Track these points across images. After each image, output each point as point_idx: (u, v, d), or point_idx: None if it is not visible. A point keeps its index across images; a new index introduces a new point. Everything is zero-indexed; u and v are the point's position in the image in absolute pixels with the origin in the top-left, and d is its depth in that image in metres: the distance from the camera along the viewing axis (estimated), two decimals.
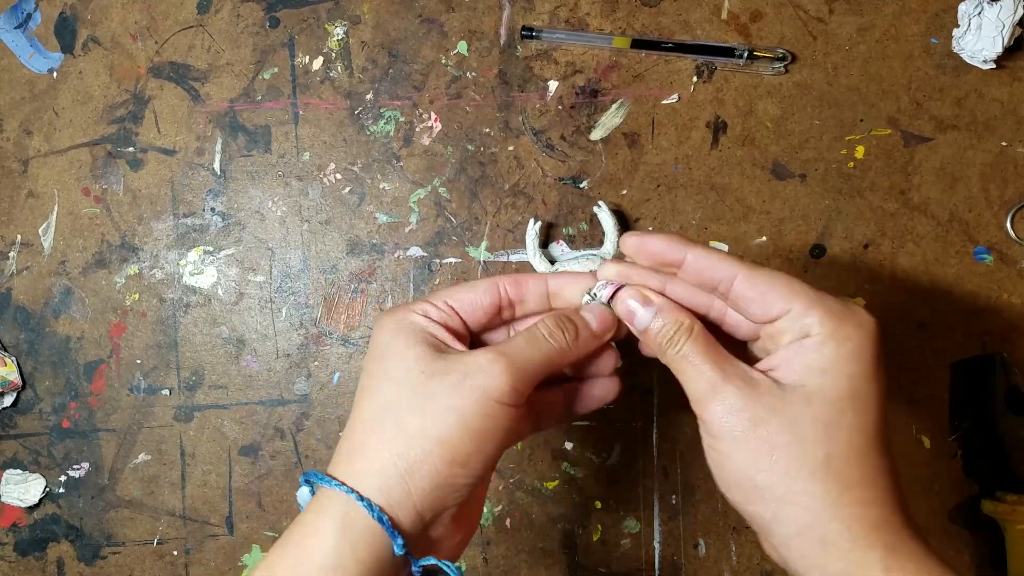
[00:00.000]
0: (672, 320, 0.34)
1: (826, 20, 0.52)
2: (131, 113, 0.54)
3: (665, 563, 0.52)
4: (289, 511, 0.53)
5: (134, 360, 0.54)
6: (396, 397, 0.33)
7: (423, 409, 0.32)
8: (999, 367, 0.50)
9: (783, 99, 0.52)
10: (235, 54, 0.53)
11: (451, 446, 0.32)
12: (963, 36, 0.50)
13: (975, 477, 0.51)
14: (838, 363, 0.31)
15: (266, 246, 0.54)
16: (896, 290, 0.52)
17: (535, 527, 0.53)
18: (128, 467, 0.54)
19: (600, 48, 0.52)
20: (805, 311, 0.32)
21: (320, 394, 0.53)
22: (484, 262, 0.53)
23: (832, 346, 0.31)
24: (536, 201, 0.53)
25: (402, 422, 0.32)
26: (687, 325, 0.34)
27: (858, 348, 0.31)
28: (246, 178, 0.54)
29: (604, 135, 0.52)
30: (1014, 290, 0.51)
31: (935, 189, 0.52)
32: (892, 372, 0.52)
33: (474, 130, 0.53)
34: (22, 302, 0.54)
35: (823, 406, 0.31)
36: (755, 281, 0.33)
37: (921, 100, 0.52)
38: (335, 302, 0.53)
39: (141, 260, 0.54)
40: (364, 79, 0.53)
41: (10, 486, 0.54)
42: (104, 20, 0.54)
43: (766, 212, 0.52)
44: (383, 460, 0.32)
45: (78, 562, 0.54)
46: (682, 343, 0.34)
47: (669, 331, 0.34)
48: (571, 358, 0.36)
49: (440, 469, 0.32)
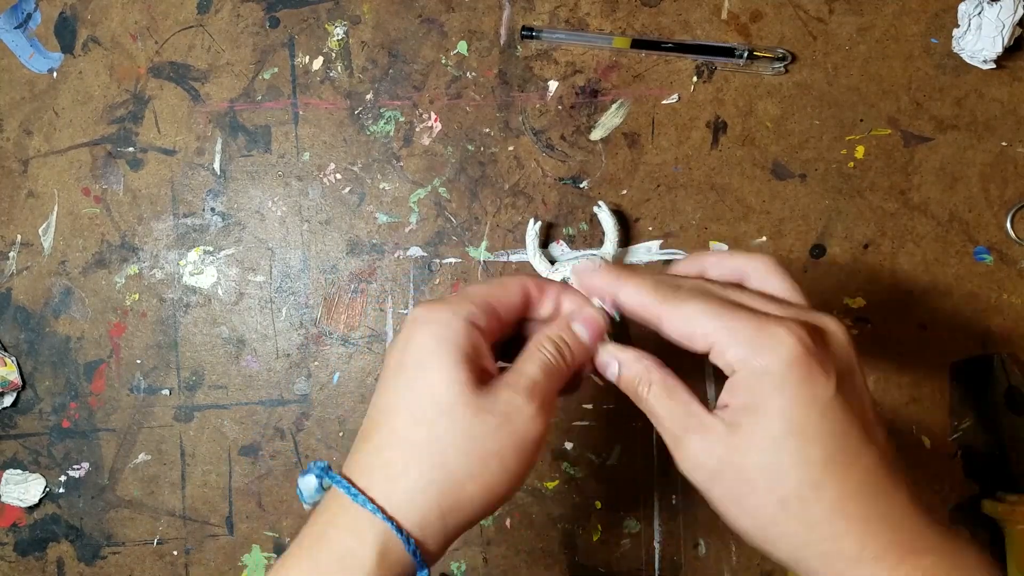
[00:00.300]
0: (633, 373, 0.35)
1: (826, 20, 0.52)
2: (131, 113, 0.54)
3: (665, 563, 0.52)
4: (289, 511, 0.53)
5: (134, 360, 0.54)
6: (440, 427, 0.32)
7: (468, 451, 0.32)
8: (999, 367, 0.50)
9: (783, 99, 0.52)
10: (235, 54, 0.53)
11: (492, 490, 0.32)
12: (963, 36, 0.50)
13: (975, 477, 0.51)
14: (762, 400, 0.30)
15: (266, 246, 0.54)
16: (896, 290, 0.52)
17: (535, 527, 0.53)
18: (128, 467, 0.54)
19: (600, 48, 0.52)
20: (724, 347, 0.31)
21: (320, 394, 0.53)
22: (484, 262, 0.53)
23: (752, 382, 0.30)
24: (536, 201, 0.53)
25: (447, 461, 0.32)
26: (646, 379, 0.34)
27: (779, 378, 0.30)
28: (246, 178, 0.54)
29: (604, 135, 0.52)
30: (1014, 290, 0.51)
31: (935, 189, 0.52)
32: (892, 372, 0.52)
33: (474, 130, 0.53)
34: (22, 302, 0.54)
35: (761, 451, 0.30)
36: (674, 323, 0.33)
37: (921, 100, 0.52)
38: (335, 302, 0.53)
39: (141, 260, 0.54)
40: (364, 79, 0.53)
41: (10, 486, 0.54)
42: (104, 20, 0.54)
43: (766, 212, 0.52)
44: (427, 496, 0.32)
45: (78, 562, 0.54)
46: (645, 395, 0.34)
47: (632, 385, 0.35)
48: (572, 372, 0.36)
49: (478, 509, 0.32)
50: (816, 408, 0.30)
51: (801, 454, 0.30)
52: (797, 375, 0.30)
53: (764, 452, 0.30)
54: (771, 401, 0.30)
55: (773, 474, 0.30)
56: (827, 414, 0.30)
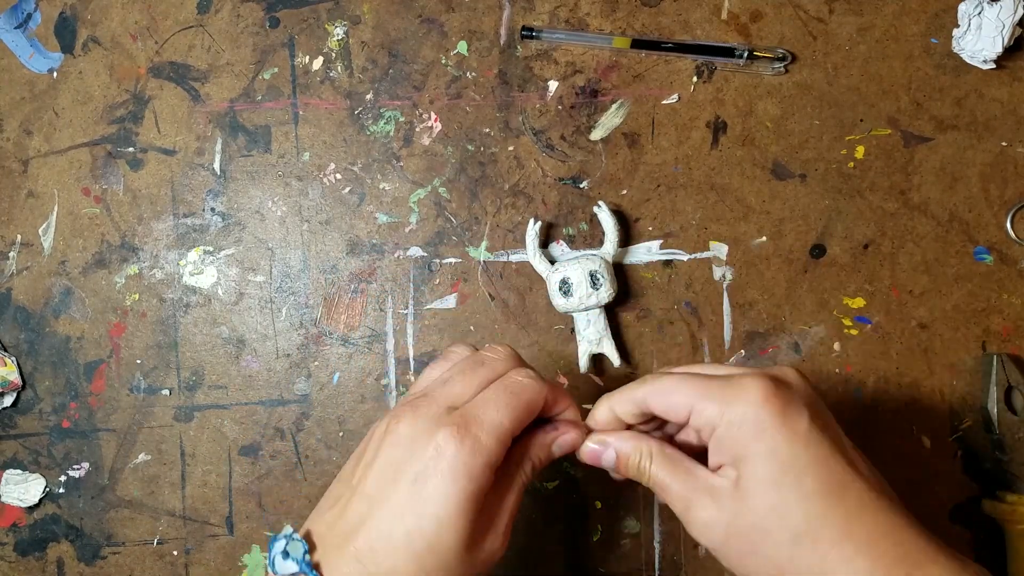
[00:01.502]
0: (629, 449, 0.36)
1: (826, 20, 0.52)
2: (131, 113, 0.54)
3: (665, 563, 0.52)
4: (289, 511, 0.53)
5: (134, 360, 0.54)
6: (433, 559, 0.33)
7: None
8: (999, 367, 0.50)
9: (783, 99, 0.52)
10: (235, 54, 0.53)
11: None
12: (963, 36, 0.50)
13: (975, 477, 0.51)
14: (748, 447, 0.32)
15: (266, 246, 0.54)
16: (896, 290, 0.52)
17: (535, 527, 0.53)
18: (128, 467, 0.54)
19: (600, 48, 0.52)
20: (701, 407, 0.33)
21: (320, 394, 0.53)
22: (484, 262, 0.53)
23: (734, 432, 0.32)
24: (536, 201, 0.53)
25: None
26: (645, 451, 0.36)
27: (756, 422, 0.32)
28: (246, 178, 0.54)
29: (604, 135, 0.52)
30: (1014, 290, 0.51)
31: (935, 189, 0.52)
32: (892, 372, 0.52)
33: (474, 130, 0.53)
34: (22, 302, 0.54)
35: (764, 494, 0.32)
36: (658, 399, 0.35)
37: (921, 100, 0.52)
38: (335, 302, 0.53)
39: (141, 260, 0.54)
40: (364, 79, 0.53)
41: (10, 486, 0.54)
42: (104, 20, 0.54)
43: (766, 212, 0.52)
44: None
45: (78, 562, 0.54)
46: (648, 469, 0.35)
47: (633, 462, 0.36)
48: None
49: None
50: (798, 441, 0.31)
51: (800, 488, 0.31)
52: (771, 415, 0.32)
53: (767, 494, 0.31)
54: (756, 445, 0.32)
55: (781, 513, 0.31)
56: (809, 445, 0.32)
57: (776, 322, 0.52)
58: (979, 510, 0.50)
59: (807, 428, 0.32)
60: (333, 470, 0.53)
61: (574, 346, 0.52)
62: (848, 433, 0.35)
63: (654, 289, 0.52)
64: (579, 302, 0.49)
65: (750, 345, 0.52)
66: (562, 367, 0.53)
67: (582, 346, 0.51)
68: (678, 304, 0.52)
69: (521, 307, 0.53)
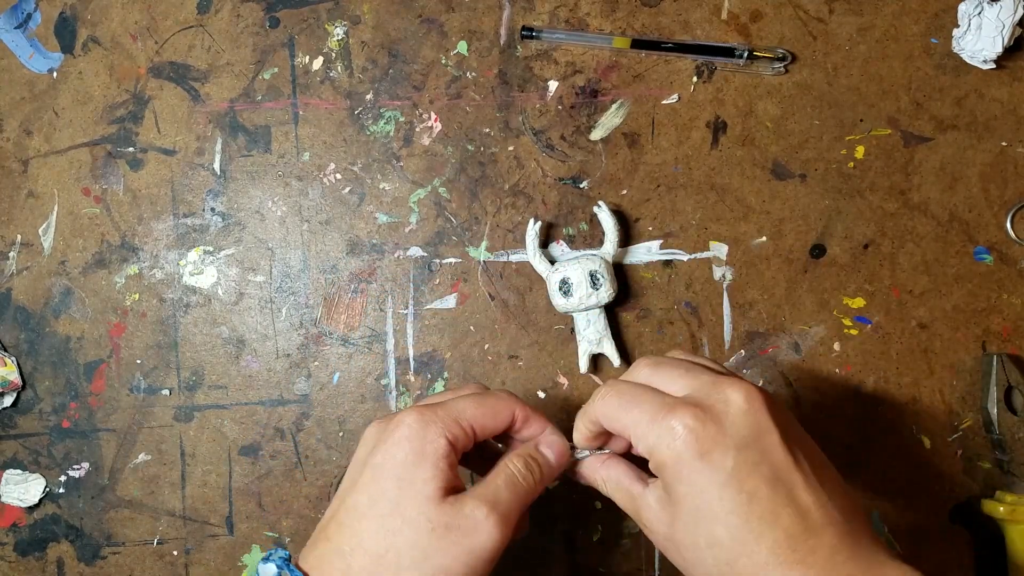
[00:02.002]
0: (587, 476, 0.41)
1: (826, 20, 0.52)
2: (131, 113, 0.54)
3: (665, 563, 0.52)
4: (289, 511, 0.53)
5: (134, 360, 0.54)
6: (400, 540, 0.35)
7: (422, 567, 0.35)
8: (999, 367, 0.50)
9: (783, 99, 0.52)
10: (235, 54, 0.53)
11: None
12: (963, 36, 0.50)
13: (975, 477, 0.51)
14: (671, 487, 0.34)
15: (266, 246, 0.54)
16: (896, 290, 0.52)
17: (535, 527, 0.53)
18: (128, 467, 0.54)
19: (600, 48, 0.52)
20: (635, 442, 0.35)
21: (320, 394, 0.53)
22: (484, 262, 0.53)
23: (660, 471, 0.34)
24: (536, 201, 0.53)
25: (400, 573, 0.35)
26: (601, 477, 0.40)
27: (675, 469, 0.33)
28: (246, 178, 0.54)
29: (604, 135, 0.52)
30: (1014, 290, 0.51)
31: (935, 189, 0.52)
32: (892, 372, 0.52)
33: (474, 130, 0.53)
34: (22, 302, 0.54)
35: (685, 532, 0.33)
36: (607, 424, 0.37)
37: (921, 100, 0.52)
38: (335, 302, 0.53)
39: (141, 260, 0.54)
40: (364, 79, 0.53)
41: (10, 486, 0.54)
42: (104, 20, 0.54)
43: (766, 212, 0.52)
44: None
45: (78, 562, 0.54)
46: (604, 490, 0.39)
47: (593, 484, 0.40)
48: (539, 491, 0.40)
49: None
50: (714, 490, 0.32)
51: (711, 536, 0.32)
52: (689, 462, 0.33)
53: (687, 533, 0.33)
54: (677, 487, 0.33)
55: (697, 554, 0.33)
56: (725, 494, 0.32)
57: (776, 322, 0.52)
58: (979, 510, 0.50)
59: (727, 476, 0.32)
60: (333, 470, 0.53)
61: (574, 346, 0.52)
62: (848, 433, 0.35)
63: (654, 289, 0.52)
64: (579, 302, 0.49)
65: (750, 345, 0.52)
66: (562, 367, 0.53)
67: (582, 346, 0.51)
68: (678, 304, 0.52)
69: (521, 307, 0.53)
